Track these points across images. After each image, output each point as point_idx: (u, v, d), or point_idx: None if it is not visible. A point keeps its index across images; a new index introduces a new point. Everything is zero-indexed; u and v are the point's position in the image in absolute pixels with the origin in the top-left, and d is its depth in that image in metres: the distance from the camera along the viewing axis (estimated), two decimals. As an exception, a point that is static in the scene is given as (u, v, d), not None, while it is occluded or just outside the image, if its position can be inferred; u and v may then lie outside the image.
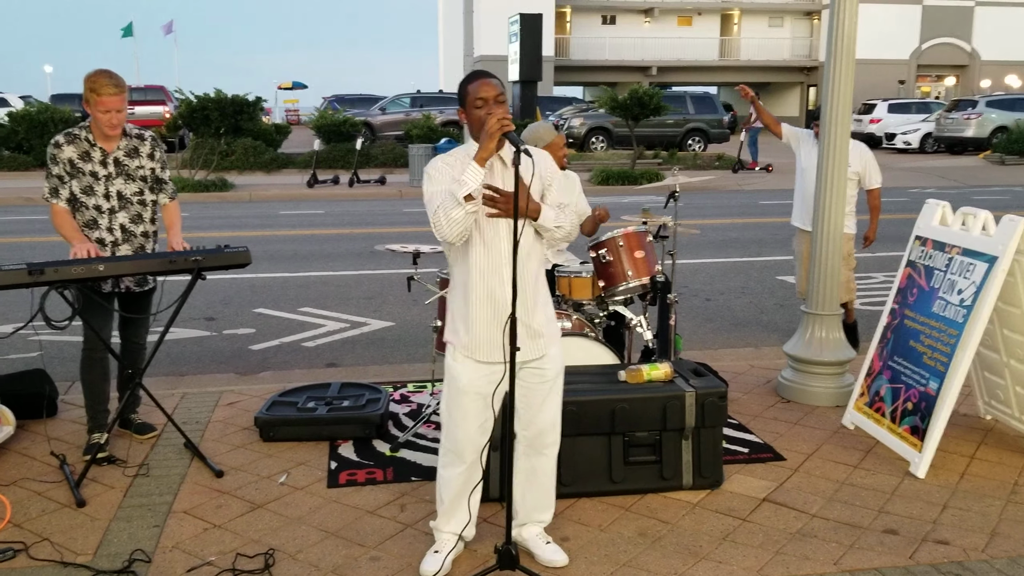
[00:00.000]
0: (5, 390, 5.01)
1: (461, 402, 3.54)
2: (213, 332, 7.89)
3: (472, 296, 3.46)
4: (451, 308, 3.58)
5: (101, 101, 4.51)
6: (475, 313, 3.46)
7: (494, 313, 3.45)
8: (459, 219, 3.25)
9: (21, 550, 3.80)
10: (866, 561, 3.72)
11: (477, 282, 3.45)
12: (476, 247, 3.43)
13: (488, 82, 3.41)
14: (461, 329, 3.52)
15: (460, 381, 3.53)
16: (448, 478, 3.67)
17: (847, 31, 5.32)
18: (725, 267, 10.86)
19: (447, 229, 3.28)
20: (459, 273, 3.52)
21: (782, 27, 52.34)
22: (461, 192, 3.22)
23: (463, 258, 3.48)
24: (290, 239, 13.28)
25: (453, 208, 3.24)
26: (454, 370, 3.55)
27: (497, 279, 3.43)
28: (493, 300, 3.44)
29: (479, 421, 3.57)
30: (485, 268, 3.43)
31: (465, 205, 3.23)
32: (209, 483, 4.50)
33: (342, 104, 34.03)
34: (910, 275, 5.10)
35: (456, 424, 3.58)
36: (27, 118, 24.11)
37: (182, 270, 4.52)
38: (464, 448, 3.59)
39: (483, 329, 3.46)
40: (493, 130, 3.23)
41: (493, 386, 3.54)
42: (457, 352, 3.54)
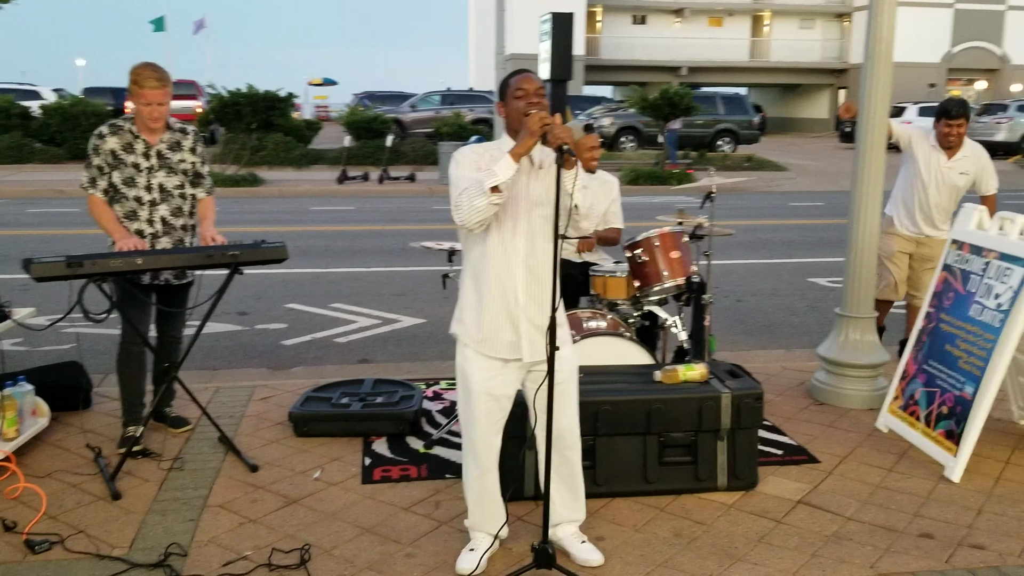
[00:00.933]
0: (40, 382, 5.05)
1: (472, 403, 3.55)
2: (246, 327, 7.93)
3: (486, 287, 3.46)
4: (460, 298, 3.59)
5: (143, 94, 4.55)
6: (487, 308, 3.47)
7: (506, 310, 3.45)
8: (481, 208, 3.25)
9: (57, 542, 3.83)
10: (902, 565, 3.69)
11: (492, 277, 3.45)
12: (494, 242, 3.42)
13: (531, 76, 3.43)
14: (469, 321, 3.52)
15: (470, 381, 3.54)
16: (469, 480, 3.68)
17: (885, 35, 5.28)
18: (756, 268, 10.80)
19: (467, 215, 3.28)
20: (473, 265, 3.52)
21: (813, 29, 52.01)
22: (489, 182, 3.22)
23: (480, 251, 3.47)
24: (321, 235, 13.34)
25: (478, 196, 3.24)
26: (465, 371, 3.55)
27: (512, 276, 3.44)
28: (507, 293, 3.44)
29: (490, 423, 3.57)
30: (500, 264, 3.43)
31: (490, 196, 3.23)
32: (243, 477, 4.53)
33: (372, 101, 34.12)
34: (946, 279, 5.05)
35: (471, 425, 3.59)
36: (60, 111, 24.36)
37: (220, 264, 4.54)
38: (479, 449, 3.60)
39: (493, 325, 3.46)
40: (535, 128, 3.22)
41: (504, 386, 3.54)
42: (467, 350, 3.54)
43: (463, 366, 3.56)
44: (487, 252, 3.44)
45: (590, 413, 4.17)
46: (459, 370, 3.59)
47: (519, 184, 3.42)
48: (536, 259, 3.47)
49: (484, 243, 3.45)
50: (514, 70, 3.53)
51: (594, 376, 4.45)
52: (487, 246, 3.44)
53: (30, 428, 4.77)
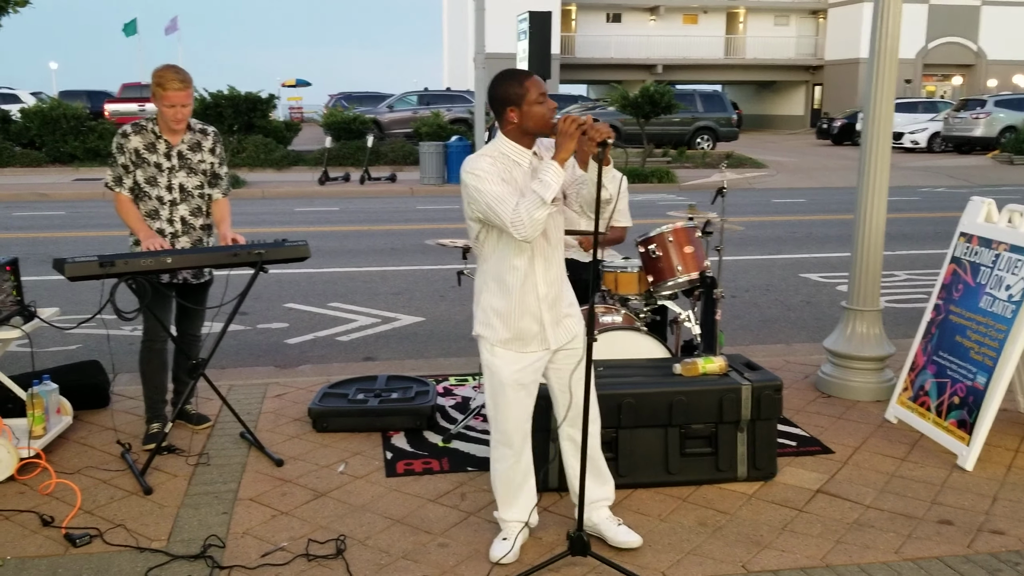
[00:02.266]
0: (62, 381, 5.08)
1: (505, 394, 3.62)
2: (247, 326, 7.96)
3: (509, 291, 3.53)
4: (483, 302, 3.63)
5: (167, 96, 4.59)
6: (513, 308, 3.54)
7: (530, 306, 3.54)
8: (542, 219, 3.32)
9: (97, 535, 3.87)
10: (926, 550, 3.80)
11: (514, 276, 3.52)
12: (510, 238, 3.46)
13: (538, 78, 3.47)
14: (497, 323, 3.58)
15: (500, 374, 3.60)
16: (501, 470, 3.74)
17: (891, 30, 5.39)
18: (747, 264, 10.93)
19: (531, 230, 3.32)
20: (494, 266, 3.57)
21: (788, 26, 52.45)
22: (548, 195, 3.28)
23: (500, 252, 3.52)
24: (309, 236, 13.34)
25: (538, 209, 3.29)
26: (493, 365, 3.62)
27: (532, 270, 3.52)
28: (528, 293, 3.53)
29: (521, 410, 3.66)
30: (529, 259, 3.51)
31: (550, 206, 3.32)
32: (270, 472, 4.58)
33: (349, 102, 34.06)
34: (955, 271, 5.17)
35: (503, 415, 3.65)
36: (39, 114, 24.20)
37: (245, 263, 4.59)
38: (512, 437, 3.67)
39: (520, 324, 3.54)
40: (571, 130, 3.29)
41: (532, 374, 3.62)
42: (495, 347, 3.60)
43: (491, 360, 3.63)
44: (505, 250, 3.50)
45: (613, 406, 4.26)
46: (486, 365, 3.66)
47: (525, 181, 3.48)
48: (552, 250, 3.56)
49: (500, 241, 3.51)
50: (507, 72, 3.47)
51: (614, 369, 4.54)
52: (504, 244, 3.50)
53: (56, 426, 4.81)
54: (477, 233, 3.56)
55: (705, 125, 30.28)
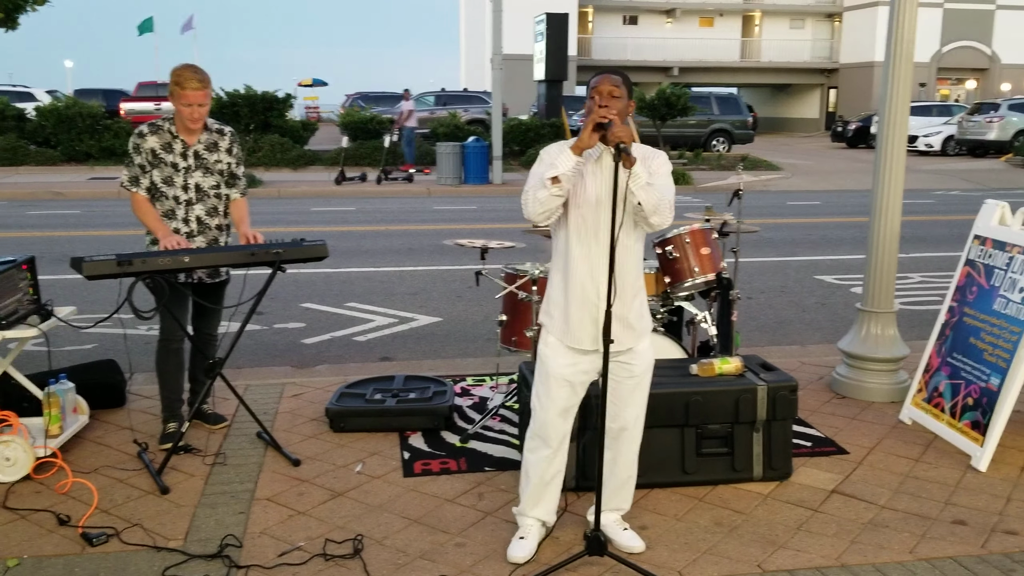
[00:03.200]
0: (79, 380, 5.11)
1: (549, 386, 3.64)
2: (264, 326, 8.00)
3: (569, 283, 3.56)
4: (548, 292, 3.69)
5: (184, 95, 4.62)
6: (569, 300, 3.56)
7: (587, 302, 3.54)
8: (542, 199, 3.36)
9: (114, 535, 3.90)
10: (940, 550, 3.80)
11: (573, 270, 3.54)
12: (575, 238, 3.52)
13: (608, 77, 3.51)
14: (556, 314, 3.62)
15: (548, 365, 3.63)
16: (533, 462, 3.75)
17: (907, 34, 5.38)
18: (763, 266, 10.92)
19: (531, 208, 3.40)
20: (558, 259, 3.62)
21: (803, 29, 52.31)
22: (548, 173, 3.32)
23: (564, 247, 3.57)
24: (325, 236, 13.31)
25: (539, 189, 3.35)
26: (544, 355, 3.65)
27: (593, 268, 3.52)
28: (587, 289, 3.53)
29: (563, 407, 3.66)
30: (582, 256, 3.52)
31: (550, 187, 3.33)
32: (287, 471, 4.61)
33: (366, 102, 34.15)
34: (969, 274, 5.17)
35: (543, 408, 3.67)
36: (54, 113, 24.31)
37: (263, 262, 4.62)
38: (549, 433, 3.69)
39: (576, 318, 3.55)
40: (588, 125, 3.32)
41: (581, 375, 3.63)
42: (550, 336, 3.64)
43: (543, 351, 3.66)
44: (570, 246, 3.54)
45: (628, 406, 4.26)
46: (539, 355, 3.69)
47: (602, 177, 3.50)
48: (619, 251, 3.52)
49: (568, 239, 3.55)
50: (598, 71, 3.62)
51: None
52: (570, 242, 3.54)
53: (72, 425, 4.85)
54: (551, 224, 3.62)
55: (720, 127, 30.25)
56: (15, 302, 4.48)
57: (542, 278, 5.13)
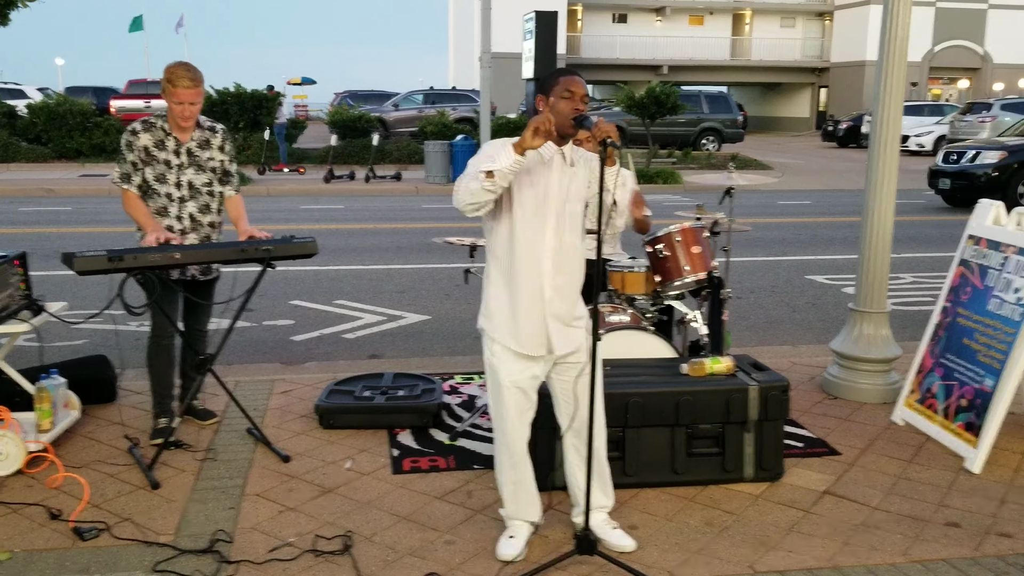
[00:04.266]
0: (70, 375, 5.08)
1: (502, 396, 3.62)
2: (253, 323, 7.97)
3: (514, 286, 3.52)
4: (486, 295, 3.64)
5: (176, 93, 4.60)
6: (516, 305, 3.53)
7: (533, 305, 3.51)
8: (474, 190, 3.31)
9: (104, 529, 3.88)
10: (933, 552, 3.80)
11: (519, 272, 3.50)
12: (521, 236, 3.48)
13: (581, 81, 3.48)
14: (497, 316, 3.58)
15: (499, 375, 3.61)
16: (504, 469, 3.75)
17: (900, 32, 5.38)
18: (753, 266, 10.93)
19: (461, 196, 3.36)
20: (499, 259, 3.57)
21: (794, 27, 52.42)
22: (484, 166, 3.27)
23: (507, 246, 3.52)
24: (314, 234, 13.30)
25: (472, 180, 3.30)
26: (493, 365, 3.62)
27: (539, 271, 3.49)
28: (532, 292, 3.51)
29: (520, 413, 3.65)
30: (528, 259, 3.49)
31: (483, 180, 3.28)
32: (277, 467, 4.59)
33: (354, 100, 34.10)
34: (963, 274, 5.17)
35: (501, 416, 3.66)
36: (45, 110, 24.25)
37: (253, 259, 4.60)
38: (512, 442, 3.68)
39: (520, 320, 3.53)
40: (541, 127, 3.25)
41: (531, 379, 3.61)
42: (495, 344, 3.60)
43: (491, 361, 3.63)
44: (514, 247, 3.49)
45: (619, 405, 4.26)
46: (488, 365, 3.66)
47: (549, 179, 3.48)
48: (563, 254, 3.53)
49: (511, 238, 3.50)
50: (558, 69, 3.59)
51: (621, 369, 4.54)
52: (514, 241, 3.49)
53: (64, 420, 4.82)
54: (487, 222, 3.58)
55: (710, 126, 30.31)
56: (7, 297, 4.46)
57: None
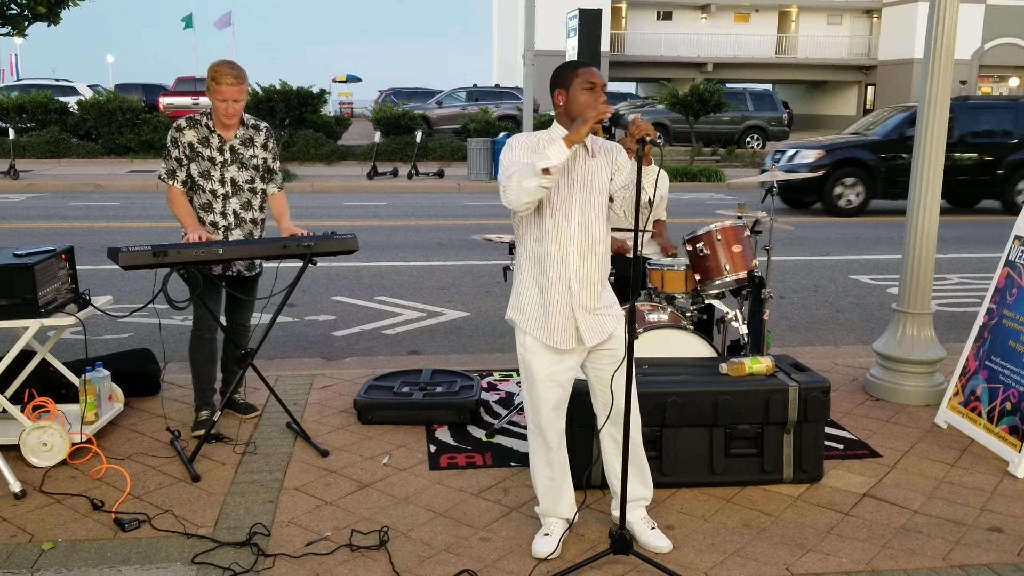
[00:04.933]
0: (114, 368, 5.16)
1: (537, 389, 3.63)
2: (295, 318, 8.04)
3: (543, 281, 3.54)
4: (517, 288, 3.65)
5: (220, 90, 4.65)
6: (546, 299, 3.54)
7: (561, 297, 3.52)
8: (530, 189, 3.30)
9: (145, 521, 3.94)
10: (974, 557, 3.74)
11: (547, 264, 3.52)
12: (548, 228, 3.49)
13: (596, 71, 3.49)
14: (527, 308, 3.60)
15: (533, 369, 3.61)
16: (540, 464, 3.75)
17: (947, 30, 5.31)
18: (796, 265, 10.83)
19: (514, 195, 3.34)
20: (528, 252, 3.58)
21: (840, 25, 51.82)
22: (541, 164, 3.27)
23: (535, 238, 3.54)
24: (356, 230, 13.44)
25: (528, 178, 3.29)
26: (526, 359, 3.63)
27: (565, 263, 3.51)
28: (559, 283, 3.52)
29: (555, 406, 3.65)
30: (554, 251, 3.50)
31: (541, 178, 3.28)
32: (315, 462, 4.63)
33: (398, 97, 34.23)
34: (1009, 275, 5.09)
35: (536, 410, 3.67)
36: (96, 106, 24.60)
37: (295, 255, 4.64)
38: (547, 434, 3.68)
39: (550, 312, 3.54)
40: (588, 115, 3.27)
41: (566, 371, 3.62)
42: (527, 338, 3.61)
43: (524, 355, 3.64)
44: (542, 239, 3.51)
45: (658, 404, 4.24)
46: (521, 359, 3.67)
47: (573, 172, 3.49)
48: (589, 245, 3.53)
49: (539, 230, 3.52)
50: (570, 61, 3.59)
51: (660, 368, 4.52)
52: (542, 233, 3.51)
53: (107, 412, 4.90)
54: (515, 216, 3.59)
55: (755, 124, 30.08)
56: (54, 291, 4.53)
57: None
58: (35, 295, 4.32)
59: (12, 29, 13.54)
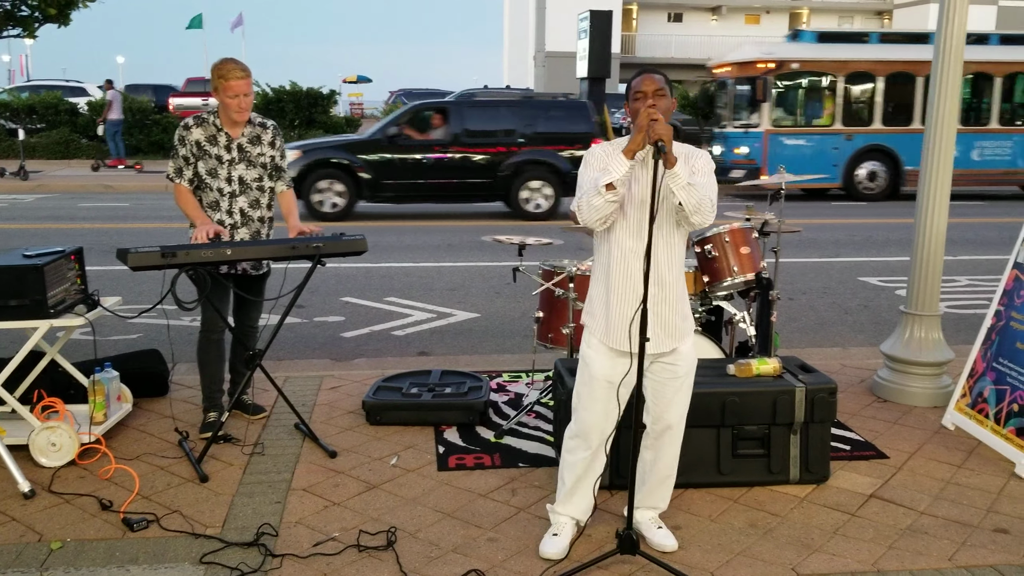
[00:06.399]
0: (123, 369, 5.19)
1: (592, 388, 3.64)
2: (304, 319, 8.06)
3: (610, 283, 3.55)
4: (591, 292, 3.69)
5: (229, 86, 4.67)
6: (611, 300, 3.56)
7: (628, 302, 3.52)
8: (598, 207, 3.36)
9: (153, 521, 3.96)
10: (980, 558, 3.74)
11: (615, 269, 3.54)
12: (617, 238, 3.52)
13: (651, 77, 3.49)
14: (598, 314, 3.62)
15: (592, 367, 3.63)
16: (572, 462, 3.75)
17: (956, 31, 5.30)
18: (804, 267, 10.82)
19: (587, 215, 3.40)
20: (601, 258, 3.62)
21: (852, 26, 51.68)
22: (603, 180, 3.32)
23: (606, 246, 3.57)
24: (367, 230, 13.46)
25: (594, 196, 3.35)
26: (588, 356, 3.65)
27: (635, 268, 3.50)
28: (628, 289, 3.52)
29: (606, 409, 3.66)
30: (624, 256, 3.52)
31: (605, 194, 3.32)
32: (323, 463, 4.64)
33: (409, 98, 34.24)
34: (1017, 277, 5.08)
35: (586, 408, 3.67)
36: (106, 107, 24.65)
37: (303, 256, 4.66)
38: (590, 433, 3.69)
39: (617, 317, 3.54)
40: (642, 123, 3.31)
41: (625, 376, 3.62)
42: (592, 338, 3.63)
43: (586, 352, 3.66)
44: (611, 248, 3.55)
45: (665, 405, 4.25)
46: (582, 355, 3.69)
47: (645, 182, 3.48)
48: (658, 255, 3.52)
49: (609, 239, 3.55)
50: (638, 70, 3.61)
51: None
52: (611, 242, 3.54)
53: (116, 413, 4.92)
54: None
55: (765, 126, 29.95)
56: (63, 291, 4.56)
57: (579, 275, 5.13)
58: (44, 296, 4.35)
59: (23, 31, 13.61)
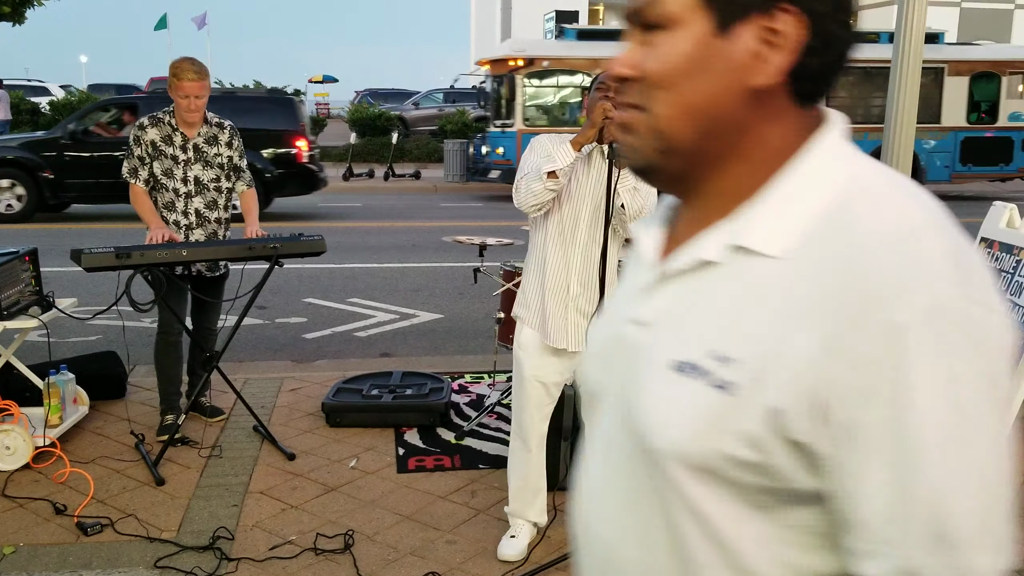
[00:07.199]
0: (80, 371, 5.12)
1: (524, 387, 3.64)
2: (266, 320, 8.00)
3: (545, 280, 3.54)
4: (524, 285, 3.67)
5: (181, 86, 4.63)
6: (546, 297, 3.55)
7: (559, 297, 3.53)
8: (536, 192, 3.34)
9: (108, 525, 3.91)
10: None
11: (550, 266, 3.53)
12: (554, 229, 3.51)
13: None
14: (533, 307, 3.60)
15: (522, 367, 3.63)
16: (516, 463, 3.76)
17: (915, 34, 5.34)
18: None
19: (524, 198, 3.38)
20: (535, 250, 3.60)
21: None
22: (546, 167, 3.29)
23: (542, 237, 3.56)
24: (331, 231, 13.36)
25: (535, 181, 3.32)
26: (518, 356, 3.64)
27: (567, 265, 3.51)
28: (559, 284, 3.52)
29: (539, 408, 3.66)
30: (559, 254, 3.51)
31: (546, 181, 3.30)
32: (282, 465, 4.61)
33: (375, 98, 34.19)
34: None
35: (521, 408, 3.68)
36: (68, 107, 24.35)
37: (260, 257, 4.61)
38: (527, 433, 3.69)
39: (548, 310, 3.54)
40: (596, 119, 3.29)
41: (555, 375, 3.62)
42: (523, 335, 3.62)
43: (518, 353, 3.66)
44: (547, 239, 3.53)
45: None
46: (515, 357, 3.69)
47: (588, 175, 3.48)
48: (595, 251, 3.52)
49: (546, 229, 3.54)
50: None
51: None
52: (548, 233, 3.53)
53: (72, 416, 4.86)
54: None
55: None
56: (17, 293, 4.49)
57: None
58: (-3, 297, 4.28)
59: (-25, 30, 13.37)
